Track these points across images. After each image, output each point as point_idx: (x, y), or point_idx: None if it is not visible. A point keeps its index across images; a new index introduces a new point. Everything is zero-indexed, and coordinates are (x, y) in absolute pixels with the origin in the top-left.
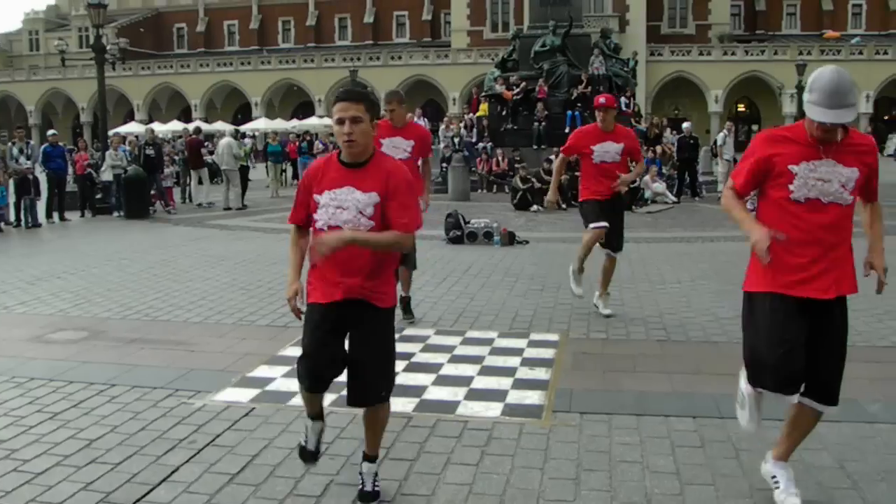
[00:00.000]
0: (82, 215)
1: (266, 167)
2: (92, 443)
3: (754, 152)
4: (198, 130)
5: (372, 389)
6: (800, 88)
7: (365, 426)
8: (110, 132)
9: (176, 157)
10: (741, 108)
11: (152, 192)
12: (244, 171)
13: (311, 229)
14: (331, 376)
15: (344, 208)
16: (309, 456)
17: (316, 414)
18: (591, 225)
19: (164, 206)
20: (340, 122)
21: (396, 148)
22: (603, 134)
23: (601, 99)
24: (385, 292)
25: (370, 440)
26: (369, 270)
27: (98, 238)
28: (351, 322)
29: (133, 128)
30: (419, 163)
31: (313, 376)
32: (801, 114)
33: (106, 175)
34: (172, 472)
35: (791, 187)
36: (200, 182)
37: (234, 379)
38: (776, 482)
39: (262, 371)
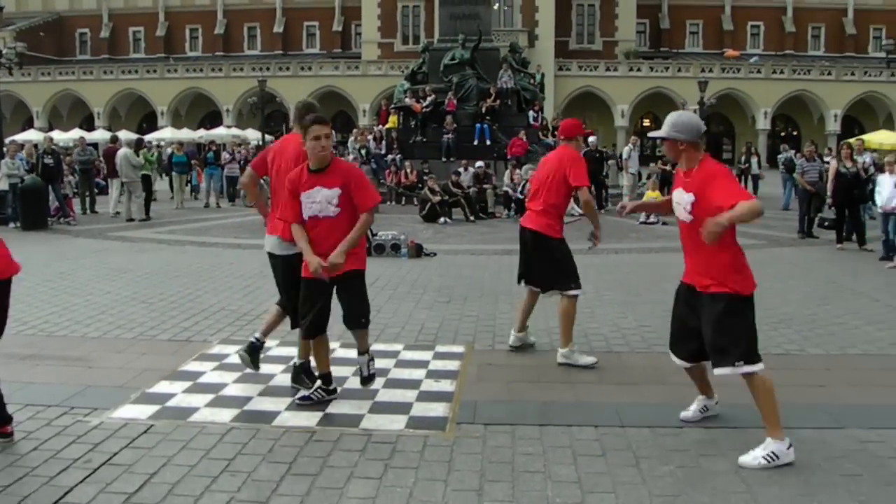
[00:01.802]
0: None
1: (171, 178)
2: None
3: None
4: (114, 139)
5: (356, 319)
6: (701, 104)
7: (355, 337)
8: (7, 140)
9: (76, 167)
10: (647, 122)
11: (54, 203)
12: (147, 180)
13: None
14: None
15: (316, 202)
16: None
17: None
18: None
19: (65, 218)
20: (317, 138)
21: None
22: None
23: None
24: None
25: (359, 343)
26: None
27: None
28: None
29: (32, 135)
30: None
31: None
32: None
33: (1, 184)
34: (66, 494)
35: None
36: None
37: (133, 395)
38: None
39: (163, 387)
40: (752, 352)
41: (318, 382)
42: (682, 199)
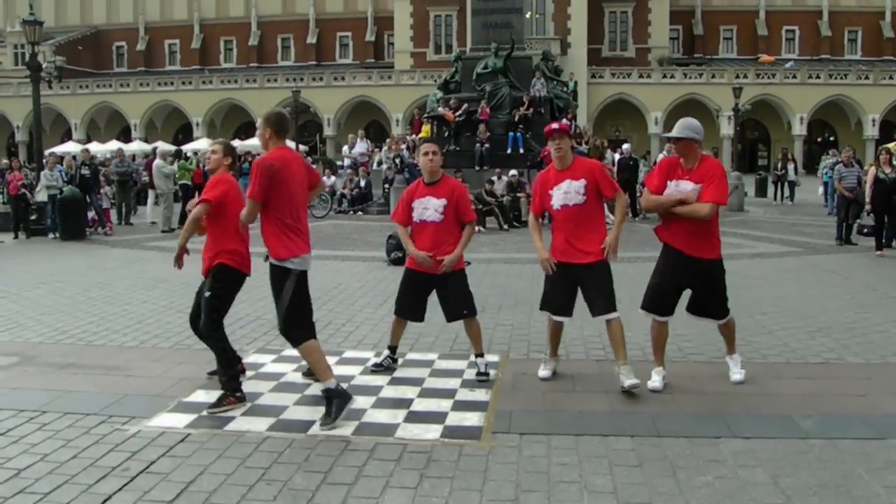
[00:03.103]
0: (16, 237)
1: (200, 189)
2: (21, 472)
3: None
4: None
5: (456, 311)
6: (736, 110)
7: (468, 336)
8: (46, 152)
9: (113, 178)
10: None
11: (91, 213)
12: (186, 189)
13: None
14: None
15: (427, 209)
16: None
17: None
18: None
19: (102, 228)
20: (426, 154)
21: None
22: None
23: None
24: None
25: (474, 344)
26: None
27: (32, 260)
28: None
29: (70, 147)
30: None
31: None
32: (738, 135)
33: (41, 196)
34: (104, 501)
35: None
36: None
37: (170, 404)
38: None
39: (199, 396)
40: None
41: (387, 352)
42: (687, 188)
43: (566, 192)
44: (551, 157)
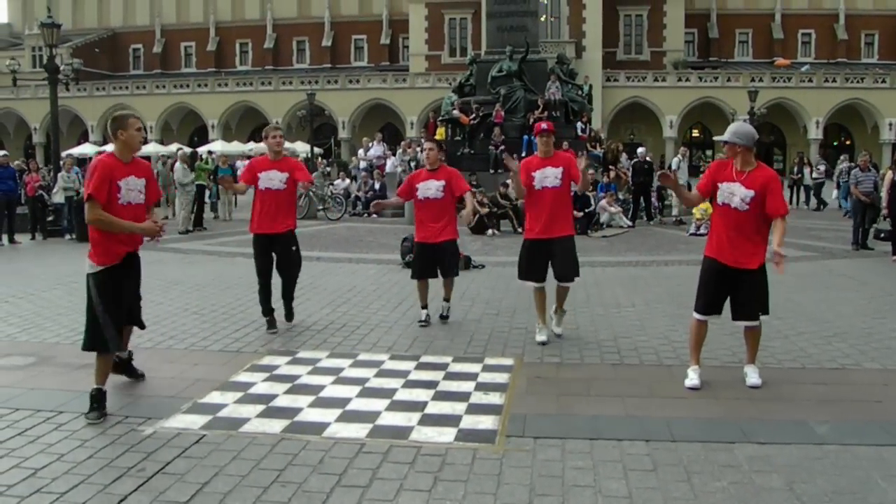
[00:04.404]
0: (33, 238)
1: (217, 190)
2: (37, 472)
3: None
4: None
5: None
6: (752, 114)
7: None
8: (63, 153)
9: None
10: (695, 133)
11: None
12: (200, 190)
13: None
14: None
15: (430, 189)
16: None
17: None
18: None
19: None
20: (424, 150)
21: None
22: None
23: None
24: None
25: (446, 292)
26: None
27: (49, 261)
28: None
29: (87, 149)
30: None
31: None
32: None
33: (58, 197)
34: (120, 502)
35: None
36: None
37: (185, 405)
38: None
39: (214, 397)
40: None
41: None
42: (739, 191)
43: (546, 177)
44: (537, 147)
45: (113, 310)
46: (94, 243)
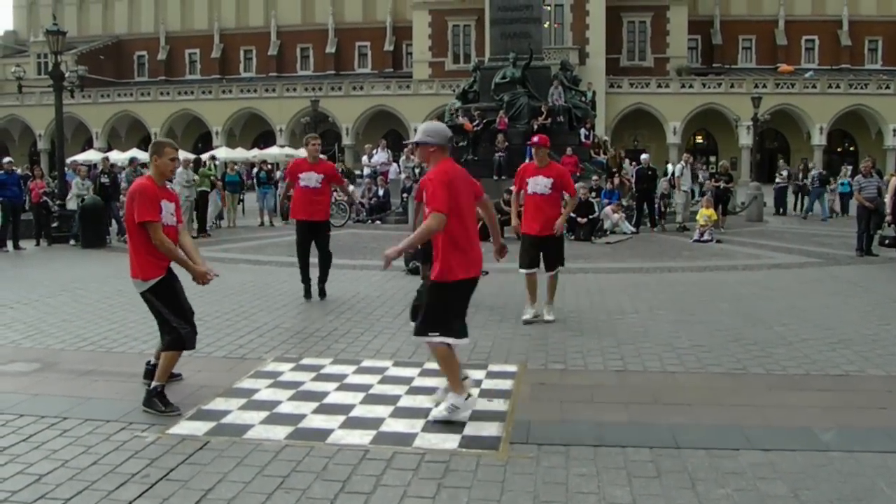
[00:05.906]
0: (37, 244)
1: (223, 197)
2: (41, 478)
3: None
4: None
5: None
6: (755, 120)
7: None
8: (68, 160)
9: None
10: (699, 139)
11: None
12: (203, 195)
13: None
14: None
15: (538, 185)
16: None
17: None
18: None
19: (121, 235)
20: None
21: (310, 178)
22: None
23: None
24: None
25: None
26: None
27: (53, 267)
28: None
29: (91, 156)
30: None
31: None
32: (757, 145)
33: (72, 203)
34: None
35: None
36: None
37: (189, 412)
38: None
39: (218, 404)
40: None
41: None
42: (543, 182)
43: (538, 184)
44: (534, 157)
45: (179, 311)
46: (141, 261)
